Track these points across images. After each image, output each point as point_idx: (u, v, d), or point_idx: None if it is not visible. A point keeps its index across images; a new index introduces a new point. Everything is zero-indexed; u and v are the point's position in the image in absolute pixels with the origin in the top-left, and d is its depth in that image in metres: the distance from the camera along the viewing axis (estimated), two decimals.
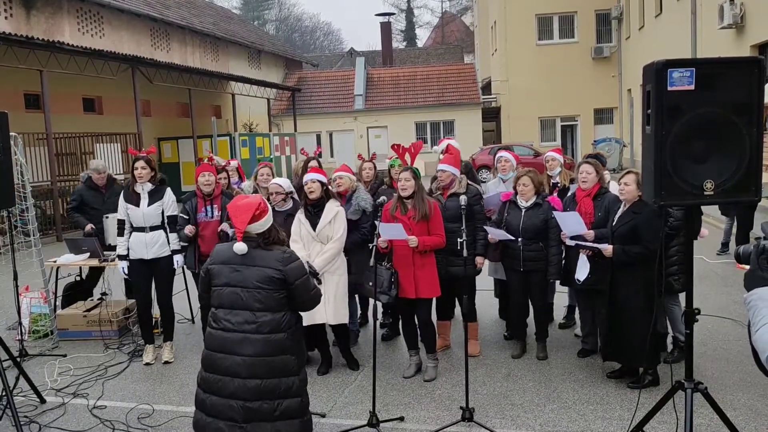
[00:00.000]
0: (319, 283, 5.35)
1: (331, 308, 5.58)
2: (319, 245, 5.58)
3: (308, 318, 5.43)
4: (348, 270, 5.78)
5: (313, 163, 6.69)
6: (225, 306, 3.56)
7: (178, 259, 6.22)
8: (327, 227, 5.58)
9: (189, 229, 6.10)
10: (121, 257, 6.21)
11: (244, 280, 3.52)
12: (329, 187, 5.82)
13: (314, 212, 5.63)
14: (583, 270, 5.53)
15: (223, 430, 3.46)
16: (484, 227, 5.86)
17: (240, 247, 3.51)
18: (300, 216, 5.68)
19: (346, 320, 5.75)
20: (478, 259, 5.92)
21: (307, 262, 5.18)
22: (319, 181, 5.63)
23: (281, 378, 3.52)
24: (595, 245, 5.29)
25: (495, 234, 5.79)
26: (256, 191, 6.56)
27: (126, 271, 6.23)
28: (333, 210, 5.64)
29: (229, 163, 7.60)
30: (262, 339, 3.48)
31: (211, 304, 3.66)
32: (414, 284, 5.41)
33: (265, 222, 3.59)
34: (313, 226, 5.59)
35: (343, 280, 5.70)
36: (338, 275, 5.66)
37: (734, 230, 10.26)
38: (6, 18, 17.38)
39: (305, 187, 5.63)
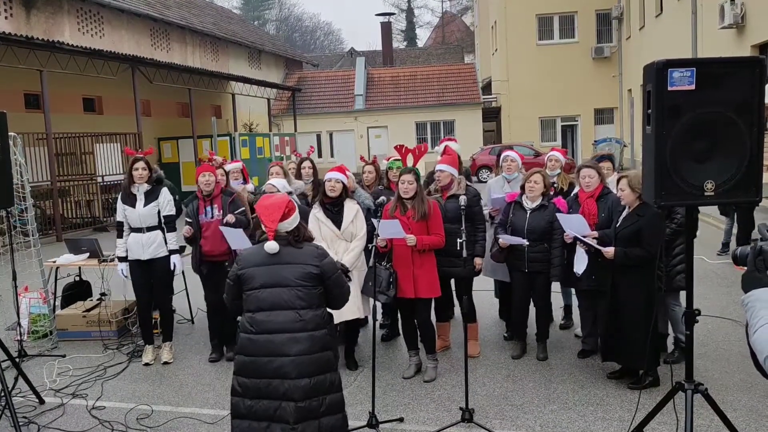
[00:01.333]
0: (350, 280, 5.36)
1: (359, 302, 5.60)
2: (344, 243, 5.61)
3: (338, 315, 5.44)
4: None
5: (307, 163, 6.67)
6: (265, 308, 3.50)
7: (175, 260, 6.20)
8: (350, 225, 5.62)
9: (186, 230, 6.09)
10: (120, 259, 6.19)
11: (283, 279, 3.49)
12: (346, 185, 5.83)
13: (335, 211, 5.64)
14: (580, 263, 5.50)
15: None
16: (498, 235, 5.82)
17: (272, 245, 3.49)
18: (319, 215, 5.67)
19: (370, 312, 5.73)
20: (477, 260, 5.90)
21: (338, 261, 5.19)
22: (341, 180, 5.65)
23: (326, 374, 3.53)
24: (597, 247, 5.27)
25: (508, 240, 5.76)
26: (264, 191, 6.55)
27: (125, 273, 6.21)
28: (353, 208, 5.68)
29: (226, 161, 7.57)
30: (308, 336, 3.47)
31: (246, 309, 3.58)
32: (413, 284, 5.41)
33: (294, 219, 3.60)
34: (336, 224, 5.61)
35: (362, 275, 5.69)
36: (360, 271, 5.68)
37: (735, 230, 10.24)
38: (6, 18, 17.38)
39: (327, 185, 5.63)
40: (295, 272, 3.51)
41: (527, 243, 5.72)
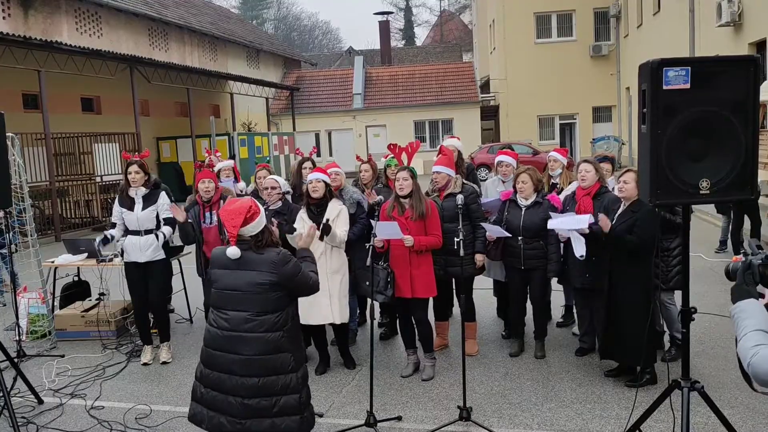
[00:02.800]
0: (327, 232, 5.40)
1: (336, 308, 5.60)
2: (323, 245, 5.59)
3: (315, 319, 5.52)
4: (349, 267, 5.80)
5: (308, 164, 6.68)
6: (222, 307, 3.59)
7: (165, 230, 6.16)
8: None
9: (181, 215, 6.02)
10: (112, 226, 6.23)
11: (239, 284, 3.54)
12: (331, 186, 5.83)
13: (317, 212, 5.64)
14: (579, 245, 5.47)
15: (224, 425, 3.52)
16: (482, 224, 5.85)
17: (232, 251, 3.52)
18: (303, 215, 5.68)
19: (347, 319, 5.76)
20: (478, 257, 5.91)
21: (327, 219, 5.37)
22: (323, 180, 5.65)
23: (278, 375, 3.53)
24: (593, 221, 5.26)
25: (492, 231, 5.79)
26: (256, 193, 6.56)
27: (113, 235, 6.21)
28: (336, 209, 5.67)
29: (218, 153, 7.57)
30: (259, 338, 3.50)
31: (212, 304, 3.70)
32: (410, 284, 5.41)
33: (257, 224, 3.57)
34: (317, 225, 5.59)
35: (345, 279, 5.72)
36: (341, 274, 5.68)
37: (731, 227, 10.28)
38: (4, 18, 17.37)
39: (309, 186, 5.64)
40: (252, 278, 3.53)
41: (509, 235, 5.76)
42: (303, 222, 5.63)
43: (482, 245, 5.90)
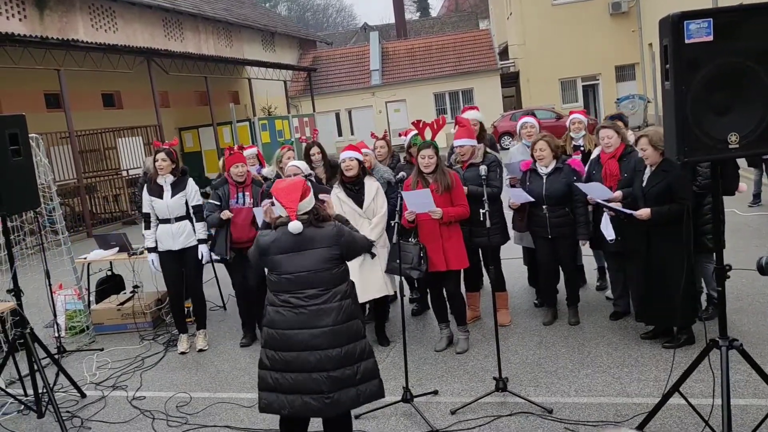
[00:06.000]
0: (373, 257, 5.51)
1: (388, 279, 5.68)
2: (367, 221, 5.65)
3: (372, 293, 5.59)
4: None
5: (315, 149, 6.63)
6: (289, 290, 3.59)
7: (203, 250, 6.26)
8: (372, 203, 5.67)
9: (225, 214, 6.14)
10: (150, 250, 6.27)
11: (306, 264, 3.57)
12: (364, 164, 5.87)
13: (356, 190, 5.68)
14: (608, 229, 5.42)
15: (310, 404, 3.53)
16: (509, 188, 5.76)
17: (295, 225, 3.55)
18: (340, 195, 5.70)
19: (396, 289, 5.76)
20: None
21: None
22: (356, 158, 5.67)
23: (357, 342, 3.62)
24: (630, 211, 5.12)
25: (515, 196, 5.71)
26: (279, 176, 6.55)
27: (155, 265, 6.29)
28: (373, 186, 5.74)
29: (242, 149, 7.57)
30: (336, 308, 3.56)
31: (273, 289, 3.67)
32: (443, 257, 5.40)
33: (310, 201, 3.66)
34: (358, 203, 5.65)
35: (386, 252, 5.74)
36: (386, 249, 5.73)
37: (765, 180, 10.05)
38: (20, 20, 17.51)
39: (343, 165, 5.68)
40: (320, 256, 3.58)
41: (533, 200, 5.70)
42: (339, 201, 5.65)
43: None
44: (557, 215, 5.71)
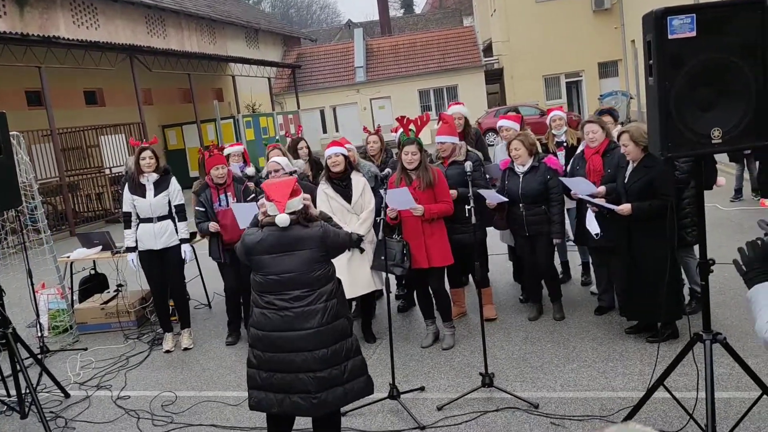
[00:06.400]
0: (362, 252, 5.56)
1: (375, 275, 5.67)
2: (355, 217, 5.65)
3: (359, 290, 5.59)
4: None
5: (303, 143, 6.61)
6: (274, 291, 3.58)
7: (186, 249, 6.21)
8: (360, 198, 5.66)
9: (213, 226, 6.08)
10: (129, 249, 6.21)
11: (292, 266, 3.56)
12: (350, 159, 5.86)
13: (343, 185, 5.65)
14: (593, 224, 5.45)
15: (299, 404, 3.53)
16: (479, 191, 5.77)
17: (283, 218, 3.55)
18: (327, 191, 5.68)
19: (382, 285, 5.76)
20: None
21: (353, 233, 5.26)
22: (342, 154, 5.65)
23: (343, 341, 3.62)
24: (611, 206, 5.17)
25: (490, 197, 5.72)
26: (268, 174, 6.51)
27: (135, 263, 6.23)
28: (360, 181, 5.74)
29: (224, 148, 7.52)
30: (321, 309, 3.55)
31: (258, 290, 3.66)
32: (426, 254, 5.40)
33: (300, 201, 3.65)
34: (346, 198, 5.64)
35: (372, 248, 5.72)
36: (373, 244, 5.70)
37: (746, 175, 10.14)
38: (0, 17, 17.29)
39: (329, 161, 5.66)
40: (307, 257, 3.57)
41: (506, 200, 5.72)
42: (327, 197, 5.63)
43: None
44: (533, 213, 5.74)
